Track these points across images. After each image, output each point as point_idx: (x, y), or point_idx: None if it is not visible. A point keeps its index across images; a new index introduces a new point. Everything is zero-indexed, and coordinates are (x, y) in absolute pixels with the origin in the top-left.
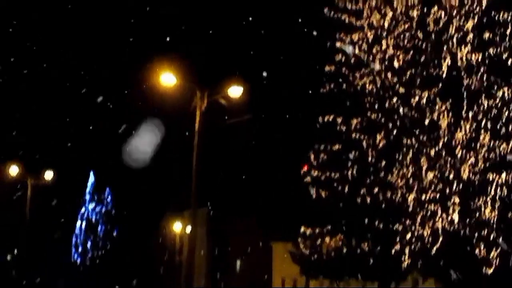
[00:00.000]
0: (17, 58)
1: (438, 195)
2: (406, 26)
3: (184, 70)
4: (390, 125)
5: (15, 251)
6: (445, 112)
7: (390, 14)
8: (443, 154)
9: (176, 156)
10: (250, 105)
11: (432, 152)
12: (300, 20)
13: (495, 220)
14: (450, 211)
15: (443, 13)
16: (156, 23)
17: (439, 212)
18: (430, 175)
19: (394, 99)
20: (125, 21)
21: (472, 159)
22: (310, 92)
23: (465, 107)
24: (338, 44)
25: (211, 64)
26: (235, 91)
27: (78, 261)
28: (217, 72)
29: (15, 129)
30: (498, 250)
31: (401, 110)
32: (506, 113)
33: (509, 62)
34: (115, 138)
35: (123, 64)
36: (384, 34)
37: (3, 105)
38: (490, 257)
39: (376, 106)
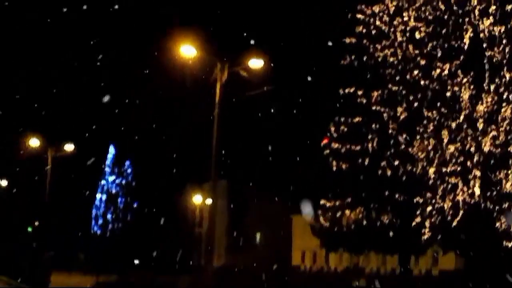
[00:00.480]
0: (35, 28)
1: (459, 168)
2: None
3: (204, 42)
4: (411, 97)
5: (36, 223)
6: (467, 85)
7: None
8: (465, 126)
9: (196, 128)
10: (270, 76)
11: (454, 125)
12: None
13: None
14: (471, 184)
15: None
16: None
17: (460, 185)
18: (451, 148)
19: (415, 71)
20: None
21: (494, 132)
22: (330, 64)
23: (487, 80)
24: (359, 16)
25: (232, 36)
26: (256, 63)
27: (98, 233)
28: (237, 44)
29: (36, 101)
30: None
31: (422, 82)
32: None
33: None
34: (135, 110)
35: (143, 36)
36: (406, 5)
37: (23, 77)
38: (511, 230)
39: (397, 78)
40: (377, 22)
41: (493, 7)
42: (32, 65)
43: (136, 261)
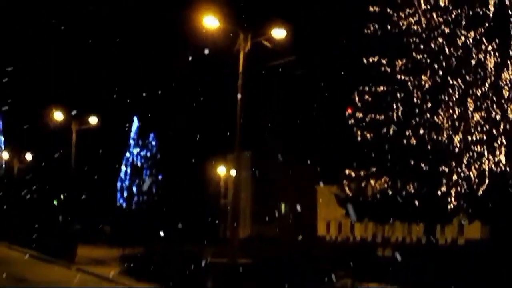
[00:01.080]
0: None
1: (484, 136)
2: None
3: (227, 12)
4: (436, 65)
5: (62, 196)
6: (492, 52)
7: None
8: (490, 94)
9: (220, 99)
10: (293, 46)
11: (479, 93)
12: None
13: None
14: (497, 152)
15: None
16: None
17: (486, 153)
18: (477, 116)
19: (440, 40)
20: None
21: None
22: (354, 33)
23: None
24: None
25: (254, 6)
26: (278, 33)
27: (124, 205)
28: (260, 14)
29: (60, 74)
30: None
31: (447, 50)
32: None
33: None
34: (158, 82)
35: (167, 8)
36: None
37: (48, 51)
38: None
39: (421, 47)
40: None
41: None
42: (57, 38)
43: (162, 233)
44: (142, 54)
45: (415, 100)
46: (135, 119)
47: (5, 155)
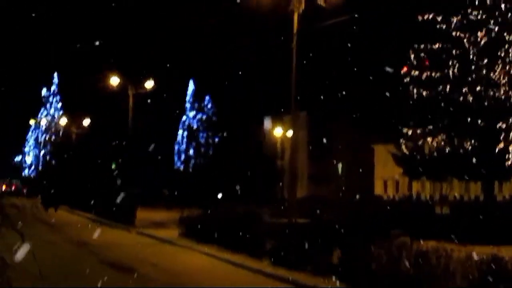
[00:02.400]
0: None
1: None
2: None
3: None
4: (492, 21)
5: (119, 160)
6: None
7: None
8: None
9: (275, 60)
10: (347, 5)
11: None
12: None
13: None
14: None
15: None
16: None
17: None
18: None
19: None
20: None
21: None
22: None
23: None
24: None
25: None
26: None
27: (181, 168)
28: None
29: (116, 38)
30: None
31: (502, 6)
32: None
33: None
34: (212, 45)
35: None
36: None
37: (104, 15)
38: None
39: (477, 3)
40: None
41: None
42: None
43: (219, 195)
44: (195, 16)
45: (471, 56)
46: (191, 82)
47: (63, 121)
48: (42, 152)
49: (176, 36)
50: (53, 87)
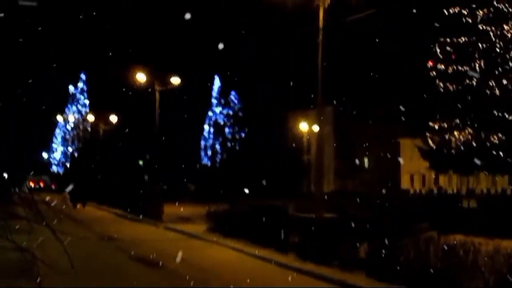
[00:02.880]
0: None
1: None
2: None
3: None
4: None
5: (147, 156)
6: None
7: None
8: None
9: (301, 55)
10: None
11: None
12: None
13: None
14: None
15: None
16: None
17: None
18: None
19: None
20: None
21: None
22: None
23: None
24: None
25: None
26: None
27: (208, 164)
28: None
29: (143, 35)
30: None
31: None
32: None
33: None
34: (238, 41)
35: None
36: None
37: (132, 13)
38: None
39: None
40: None
41: None
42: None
43: (246, 190)
44: (220, 13)
45: (497, 50)
46: (217, 78)
47: (91, 118)
48: (70, 148)
49: (202, 33)
50: (81, 84)
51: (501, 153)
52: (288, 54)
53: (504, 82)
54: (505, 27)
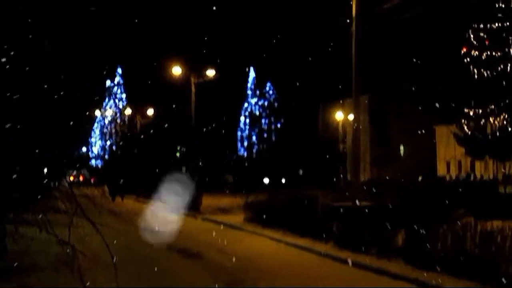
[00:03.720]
0: None
1: None
2: None
3: None
4: None
5: (183, 149)
6: None
7: None
8: None
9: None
10: None
11: None
12: None
13: None
14: None
15: None
16: None
17: None
18: None
19: None
20: None
21: None
22: None
23: None
24: None
25: None
26: None
27: (245, 155)
28: None
29: (178, 28)
30: None
31: None
32: None
33: None
34: (272, 31)
35: None
36: None
37: (164, 6)
38: None
39: None
40: None
41: None
42: None
43: (283, 180)
44: (254, 4)
45: None
46: (252, 69)
47: (128, 111)
48: (108, 142)
49: (237, 24)
50: (117, 78)
51: None
52: (323, 44)
53: None
54: None
